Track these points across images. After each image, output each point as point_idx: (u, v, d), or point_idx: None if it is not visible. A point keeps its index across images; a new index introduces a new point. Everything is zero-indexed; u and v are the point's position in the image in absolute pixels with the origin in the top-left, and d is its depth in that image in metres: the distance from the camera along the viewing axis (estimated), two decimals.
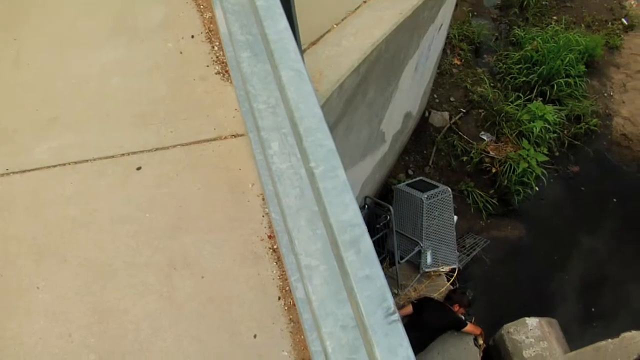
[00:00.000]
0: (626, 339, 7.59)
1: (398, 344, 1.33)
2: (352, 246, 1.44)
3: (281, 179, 1.74)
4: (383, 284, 1.38)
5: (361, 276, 1.39)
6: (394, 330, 1.34)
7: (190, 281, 2.66)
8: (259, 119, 1.88)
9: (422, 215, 7.52)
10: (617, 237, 9.39)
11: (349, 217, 1.53)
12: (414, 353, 4.57)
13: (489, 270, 8.88)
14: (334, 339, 1.49)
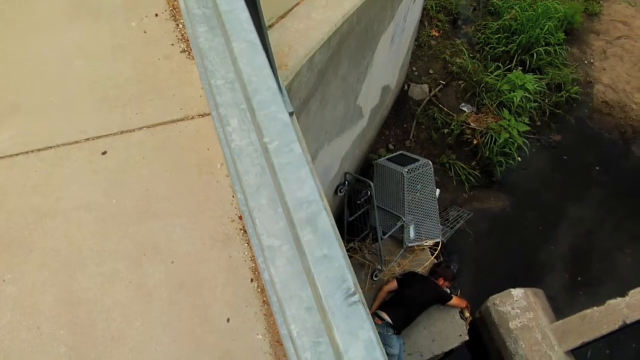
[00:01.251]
0: (611, 306, 7.63)
1: (359, 327, 1.27)
2: (309, 224, 1.38)
3: (241, 157, 1.68)
4: (342, 263, 1.32)
5: (319, 256, 1.33)
6: (355, 312, 1.28)
7: (160, 267, 2.61)
8: (217, 95, 1.81)
9: (404, 190, 7.47)
10: (601, 205, 9.40)
11: (305, 194, 1.46)
12: (400, 328, 4.61)
13: (473, 243, 8.87)
14: (298, 322, 1.43)
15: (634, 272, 8.60)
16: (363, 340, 1.23)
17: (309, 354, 1.34)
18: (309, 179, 1.48)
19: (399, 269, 7.73)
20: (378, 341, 1.24)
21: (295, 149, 1.52)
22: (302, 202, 1.43)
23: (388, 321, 6.97)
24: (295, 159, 1.51)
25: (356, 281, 1.36)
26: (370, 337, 1.23)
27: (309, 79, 3.82)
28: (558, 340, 7.33)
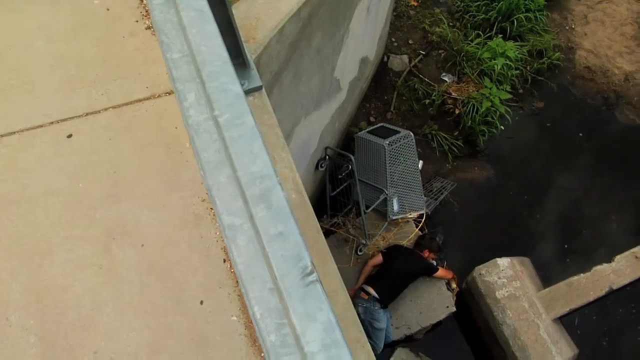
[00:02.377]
0: (598, 272, 7.67)
1: (317, 308, 1.22)
2: (262, 200, 1.33)
3: (198, 133, 1.61)
4: (299, 241, 1.27)
5: (273, 234, 1.28)
6: (312, 292, 1.22)
7: (130, 251, 2.55)
8: (174, 70, 1.74)
9: (386, 162, 7.42)
10: (585, 172, 9.41)
11: (258, 168, 1.40)
12: (387, 302, 4.59)
13: (458, 213, 8.86)
14: (262, 304, 1.37)
15: (620, 238, 8.63)
16: (322, 322, 1.18)
17: (274, 336, 1.28)
18: (262, 152, 1.42)
19: (383, 242, 7.71)
20: (337, 322, 1.18)
21: (248, 121, 1.46)
22: (256, 177, 1.37)
23: (374, 295, 6.97)
24: (247, 132, 1.45)
25: (312, 259, 1.30)
26: (329, 319, 1.18)
27: (279, 51, 3.74)
28: (545, 308, 7.36)
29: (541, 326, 7.20)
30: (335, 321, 1.19)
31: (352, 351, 2.49)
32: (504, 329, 7.20)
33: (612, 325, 8.15)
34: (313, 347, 1.15)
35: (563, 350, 7.18)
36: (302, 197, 2.65)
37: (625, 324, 8.16)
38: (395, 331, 7.43)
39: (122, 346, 2.38)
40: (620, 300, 8.16)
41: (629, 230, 8.82)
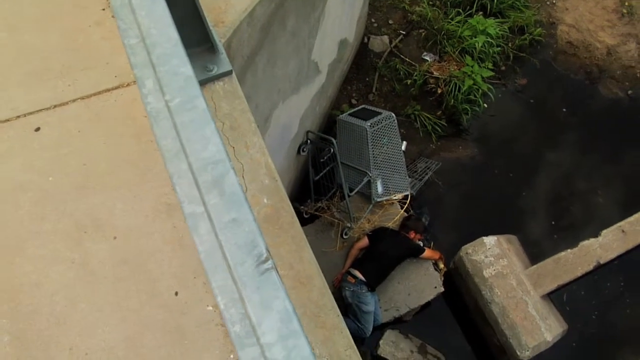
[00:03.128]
0: (585, 247, 7.68)
1: (273, 297, 1.18)
2: (215, 187, 1.29)
3: (157, 120, 1.56)
4: (253, 227, 1.23)
5: (226, 221, 1.24)
6: (268, 280, 1.19)
7: (103, 244, 2.51)
8: (132, 56, 1.69)
9: (368, 144, 7.38)
10: (570, 147, 9.41)
11: (210, 154, 1.36)
12: (374, 285, 4.57)
13: (444, 193, 8.84)
14: (225, 294, 1.33)
15: (607, 213, 8.64)
16: (278, 311, 1.15)
17: (239, 326, 1.25)
18: (214, 137, 1.37)
19: (368, 225, 7.68)
20: (294, 311, 1.15)
21: (199, 104, 1.41)
22: (208, 163, 1.33)
23: (361, 279, 6.95)
24: (198, 116, 1.40)
25: (267, 246, 1.26)
26: (285, 308, 1.14)
27: (250, 35, 3.69)
28: (533, 285, 7.37)
29: (530, 303, 7.20)
30: (292, 310, 1.15)
31: (331, 337, 2.47)
32: (492, 308, 7.21)
33: (600, 299, 8.18)
34: (270, 338, 1.12)
35: (552, 326, 7.20)
36: (276, 182, 2.61)
37: (613, 298, 8.20)
38: (383, 313, 7.42)
39: (97, 342, 2.35)
40: (608, 274, 8.19)
41: (616, 205, 8.83)
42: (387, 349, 7.50)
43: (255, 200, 2.58)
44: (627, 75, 10.02)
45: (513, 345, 7.05)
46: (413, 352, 7.56)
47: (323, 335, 2.43)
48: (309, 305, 2.46)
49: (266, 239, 2.52)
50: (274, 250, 2.52)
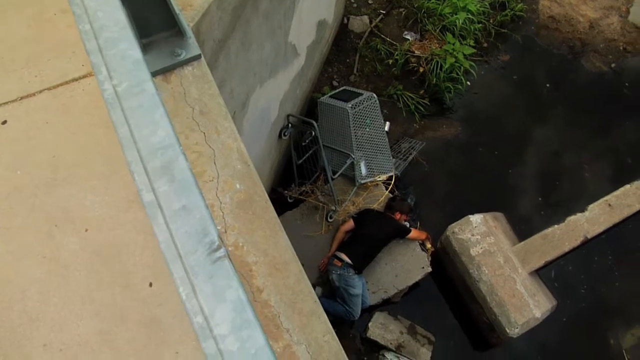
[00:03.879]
0: (572, 222, 7.68)
1: (226, 286, 1.13)
2: (165, 173, 1.24)
3: (114, 107, 1.51)
4: (204, 214, 1.18)
5: (176, 208, 1.19)
6: (220, 269, 1.14)
7: (74, 237, 2.48)
8: (86, 42, 1.63)
9: (350, 126, 7.33)
10: (555, 122, 9.40)
11: (159, 139, 1.31)
12: (361, 267, 4.54)
13: (429, 173, 8.82)
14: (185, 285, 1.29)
15: (593, 187, 8.65)
16: (231, 301, 1.10)
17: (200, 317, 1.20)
18: (163, 121, 1.32)
19: (353, 207, 7.65)
20: (248, 300, 1.10)
21: (148, 88, 1.36)
22: (157, 149, 1.28)
23: (347, 262, 6.92)
24: (147, 101, 1.35)
25: (219, 234, 1.21)
26: (239, 297, 1.10)
27: (221, 18, 3.62)
28: (521, 261, 7.37)
29: (517, 280, 7.20)
30: (245, 299, 1.10)
31: (308, 323, 2.43)
32: (480, 286, 7.21)
33: (589, 273, 8.20)
34: (223, 329, 1.08)
35: (541, 302, 7.21)
36: (248, 167, 2.56)
37: (602, 271, 8.22)
38: (372, 296, 7.41)
39: (71, 336, 2.33)
40: (596, 248, 8.20)
41: (603, 179, 8.84)
42: (377, 331, 7.50)
43: (228, 186, 2.54)
44: (610, 49, 10.01)
45: (502, 322, 7.05)
46: (402, 333, 7.55)
47: (300, 322, 2.39)
48: (285, 291, 2.42)
49: (240, 225, 2.49)
50: (247, 236, 2.49)
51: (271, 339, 2.33)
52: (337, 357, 2.40)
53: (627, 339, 7.88)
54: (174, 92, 2.68)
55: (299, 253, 7.59)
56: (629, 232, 8.23)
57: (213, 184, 2.53)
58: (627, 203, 7.87)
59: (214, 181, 2.53)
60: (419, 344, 7.54)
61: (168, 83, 2.70)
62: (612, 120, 9.32)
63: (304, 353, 2.34)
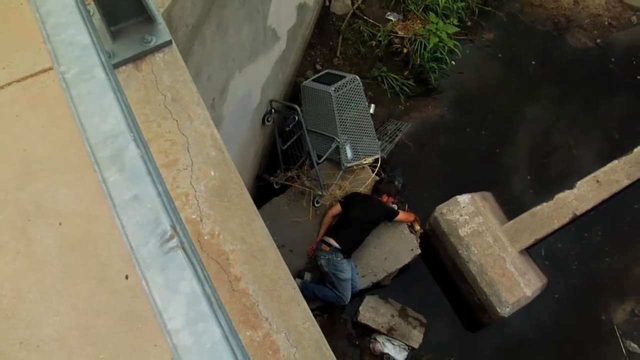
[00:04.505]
0: (560, 199, 7.68)
1: (180, 278, 1.09)
2: (114, 163, 1.20)
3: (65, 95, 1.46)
4: (156, 204, 1.14)
5: (127, 199, 1.15)
6: (173, 260, 1.10)
7: (48, 231, 2.45)
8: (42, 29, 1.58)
9: (334, 109, 7.29)
10: (541, 101, 9.38)
11: (109, 127, 1.27)
12: (349, 251, 4.52)
13: (416, 154, 8.78)
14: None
15: (581, 164, 8.64)
16: (185, 293, 1.07)
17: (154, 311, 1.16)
18: (114, 107, 1.28)
19: (340, 191, 7.62)
20: (205, 292, 1.07)
21: (98, 74, 1.32)
22: (107, 137, 1.24)
23: (335, 246, 6.90)
24: (96, 87, 1.31)
25: (176, 222, 1.18)
26: (193, 289, 1.07)
27: (194, 3, 3.57)
28: (510, 240, 7.37)
29: (507, 259, 7.20)
30: (200, 291, 1.07)
31: (287, 311, 2.40)
32: (470, 267, 7.20)
33: (579, 250, 8.22)
34: (176, 323, 1.04)
35: (531, 281, 7.21)
36: (222, 154, 2.53)
37: (592, 248, 8.24)
38: (361, 280, 7.40)
39: (48, 332, 2.31)
40: (585, 225, 8.21)
41: (590, 155, 8.84)
42: (367, 315, 7.50)
43: (202, 173, 2.50)
44: (595, 24, 9.97)
45: (493, 302, 7.06)
46: (394, 316, 7.56)
47: (279, 310, 2.36)
48: (263, 279, 2.40)
49: (215, 213, 2.46)
50: (223, 224, 2.45)
51: (250, 327, 2.31)
52: (318, 343, 2.37)
53: (618, 315, 7.91)
54: (145, 80, 2.64)
55: (287, 239, 7.59)
56: (617, 208, 8.24)
57: (187, 172, 2.49)
58: (615, 179, 7.86)
59: (188, 169, 2.50)
60: (411, 327, 7.55)
61: (139, 71, 2.65)
62: (598, 96, 9.30)
63: (284, 341, 2.32)
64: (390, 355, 7.48)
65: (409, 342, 7.48)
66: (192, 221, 2.42)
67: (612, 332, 7.81)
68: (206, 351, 0.99)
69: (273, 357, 2.28)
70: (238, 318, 2.29)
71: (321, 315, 7.69)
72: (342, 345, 7.60)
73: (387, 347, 7.50)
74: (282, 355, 2.29)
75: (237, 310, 2.31)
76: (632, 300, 8.00)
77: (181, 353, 1.00)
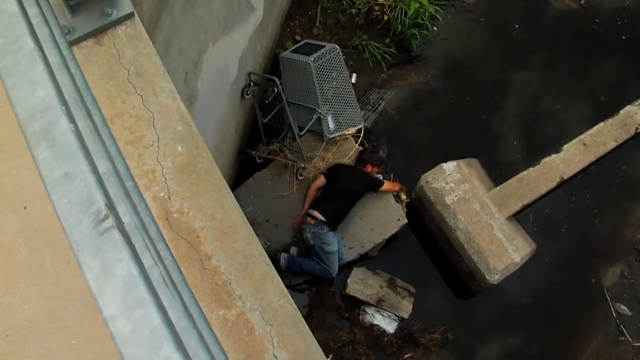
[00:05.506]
0: (547, 164, 7.65)
1: (116, 260, 1.03)
2: (44, 138, 1.12)
3: None
4: (89, 181, 1.07)
5: (58, 177, 1.08)
6: (108, 242, 1.03)
7: (12, 216, 2.39)
8: None
9: (314, 80, 7.19)
10: (526, 65, 9.31)
11: (38, 100, 1.19)
12: (335, 224, 4.46)
13: (400, 122, 8.71)
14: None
15: (566, 128, 8.60)
16: (121, 276, 1.00)
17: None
18: (43, 79, 1.20)
19: (323, 163, 7.55)
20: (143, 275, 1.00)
21: (25, 44, 1.24)
22: (36, 111, 1.16)
23: (321, 219, 6.86)
24: (24, 58, 1.23)
25: (109, 201, 1.11)
26: (130, 272, 1.00)
27: None
28: (498, 207, 7.34)
29: (495, 226, 7.17)
30: (138, 274, 1.00)
31: (261, 288, 2.35)
32: (457, 234, 7.17)
33: (567, 214, 8.22)
34: (113, 309, 0.97)
35: (520, 246, 7.20)
36: (190, 128, 2.45)
37: (580, 211, 8.25)
38: (349, 252, 7.37)
39: (17, 320, 2.26)
40: (573, 188, 8.21)
41: (576, 118, 8.79)
42: (356, 287, 7.48)
43: (169, 149, 2.43)
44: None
45: (481, 269, 7.04)
46: (382, 287, 7.55)
47: (253, 287, 2.31)
48: (235, 256, 2.34)
49: (183, 190, 2.39)
50: (192, 201, 2.39)
51: (223, 307, 2.25)
52: (294, 320, 2.32)
53: (607, 277, 7.93)
54: (107, 54, 2.55)
55: (272, 213, 7.53)
56: (605, 170, 8.23)
57: (153, 149, 2.42)
58: (602, 141, 7.83)
59: (154, 145, 2.42)
60: (400, 297, 7.54)
61: (101, 45, 2.56)
62: (583, 59, 9.24)
63: (259, 319, 2.27)
64: (380, 326, 7.48)
65: (399, 312, 7.48)
66: (160, 199, 2.35)
67: (602, 295, 7.83)
68: (145, 339, 0.93)
69: (248, 337, 2.23)
70: (210, 297, 2.24)
71: (309, 289, 7.67)
72: (331, 318, 7.59)
73: (377, 319, 7.50)
74: (257, 334, 2.24)
75: (209, 290, 2.25)
76: (622, 262, 8.02)
77: (119, 342, 0.94)
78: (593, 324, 7.75)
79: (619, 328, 7.65)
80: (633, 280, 7.90)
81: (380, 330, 7.47)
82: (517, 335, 7.73)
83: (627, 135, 7.91)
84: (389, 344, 7.45)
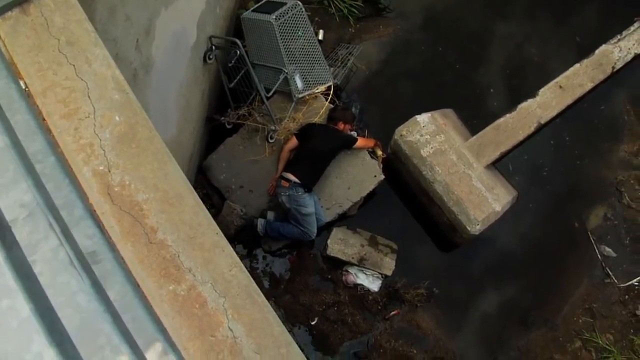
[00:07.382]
0: (523, 109, 7.60)
1: None
2: None
3: None
4: None
5: None
6: None
7: None
8: None
9: (278, 39, 7.04)
10: (496, 10, 9.19)
11: None
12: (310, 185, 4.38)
13: (371, 77, 8.60)
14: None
15: (542, 73, 8.51)
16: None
17: None
18: None
19: (294, 124, 7.44)
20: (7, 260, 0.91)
21: None
22: None
23: (295, 181, 6.78)
24: None
25: None
26: None
27: None
28: (475, 156, 7.28)
29: (473, 176, 7.11)
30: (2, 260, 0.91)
31: (212, 259, 2.26)
32: (435, 187, 7.11)
33: (547, 159, 8.20)
34: None
35: (500, 195, 7.15)
36: (127, 96, 2.34)
37: (560, 155, 8.22)
38: (327, 212, 7.30)
39: None
40: (551, 133, 8.17)
41: (553, 63, 8.70)
42: (337, 248, 7.43)
43: (106, 120, 2.32)
44: None
45: (462, 221, 7.00)
46: (364, 246, 7.50)
47: (202, 258, 2.22)
48: (182, 227, 2.24)
49: (124, 161, 2.28)
50: (134, 172, 2.29)
51: (173, 281, 2.16)
52: (248, 290, 2.24)
53: (591, 220, 7.93)
54: (34, 23, 2.42)
55: (246, 179, 7.44)
56: (583, 112, 8.19)
57: (90, 121, 2.31)
58: (578, 83, 7.77)
59: (90, 117, 2.31)
60: (382, 254, 7.50)
61: (27, 15, 2.43)
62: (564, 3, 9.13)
63: (211, 292, 2.19)
64: (364, 286, 7.45)
65: (382, 270, 7.44)
66: (100, 173, 2.25)
67: (587, 238, 7.83)
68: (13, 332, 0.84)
69: (200, 311, 2.15)
70: (158, 272, 2.15)
71: (290, 253, 7.62)
72: (314, 281, 7.55)
73: (360, 278, 7.47)
74: (210, 307, 2.16)
75: (157, 264, 2.16)
76: (604, 204, 8.01)
77: None
78: (579, 268, 7.75)
79: (604, 270, 7.67)
80: (616, 221, 7.90)
81: (365, 290, 7.45)
82: (502, 284, 7.72)
83: (603, 75, 7.85)
84: (374, 303, 7.44)
